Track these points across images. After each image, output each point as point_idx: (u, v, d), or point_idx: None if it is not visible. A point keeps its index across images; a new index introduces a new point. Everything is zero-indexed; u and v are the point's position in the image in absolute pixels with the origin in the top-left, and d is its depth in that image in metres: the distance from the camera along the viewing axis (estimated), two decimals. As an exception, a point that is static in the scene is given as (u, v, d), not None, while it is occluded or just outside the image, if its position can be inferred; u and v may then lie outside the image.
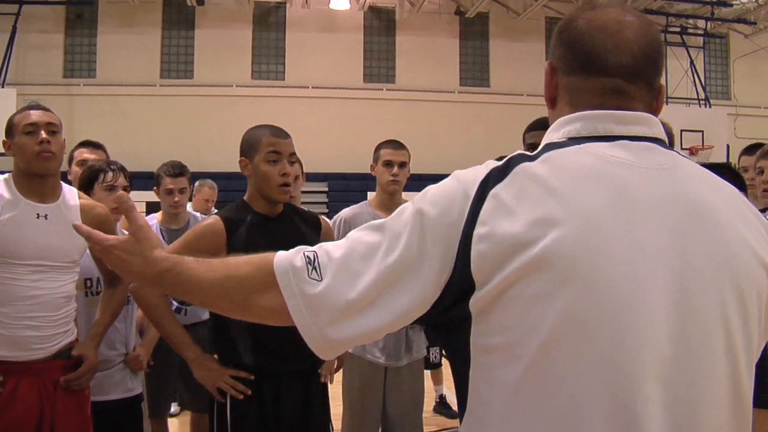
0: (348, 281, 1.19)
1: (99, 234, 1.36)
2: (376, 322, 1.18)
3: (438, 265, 1.15)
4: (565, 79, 1.31)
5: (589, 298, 1.09)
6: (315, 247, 1.26)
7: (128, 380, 3.40)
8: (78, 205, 2.96)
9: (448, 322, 1.19)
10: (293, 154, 2.83)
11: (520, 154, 1.22)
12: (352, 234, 1.26)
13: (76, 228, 1.42)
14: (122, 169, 3.44)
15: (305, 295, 1.20)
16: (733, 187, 1.27)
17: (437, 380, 6.40)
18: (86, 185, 3.35)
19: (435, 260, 1.15)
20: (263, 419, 2.66)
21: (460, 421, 1.25)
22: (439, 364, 6.28)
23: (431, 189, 1.22)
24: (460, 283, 1.14)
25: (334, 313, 1.19)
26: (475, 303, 1.13)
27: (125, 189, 3.42)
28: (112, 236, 1.36)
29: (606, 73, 1.25)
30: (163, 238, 4.35)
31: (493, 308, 1.12)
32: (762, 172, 3.42)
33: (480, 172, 1.19)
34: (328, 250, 1.24)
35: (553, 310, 1.08)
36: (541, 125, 3.19)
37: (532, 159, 1.19)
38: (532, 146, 3.39)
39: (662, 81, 1.33)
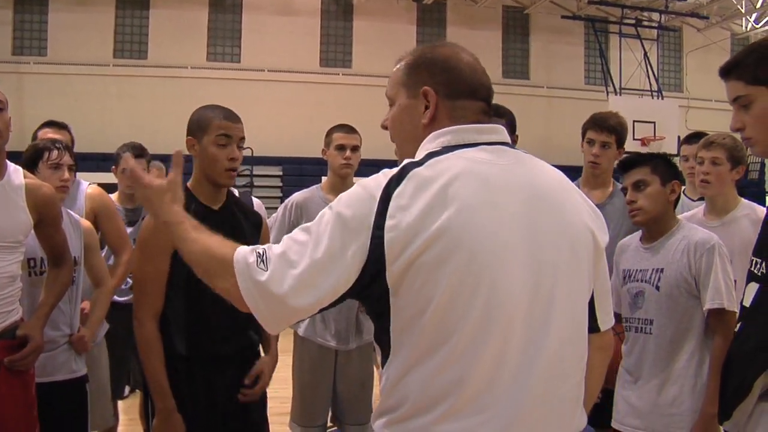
0: (287, 271, 1.53)
1: (143, 174, 1.86)
2: (310, 299, 1.53)
3: (355, 252, 1.51)
4: (450, 103, 1.71)
5: (473, 259, 1.49)
6: (265, 246, 1.62)
7: (73, 361, 3.37)
8: (23, 184, 2.92)
9: (372, 292, 1.55)
10: (243, 138, 2.80)
11: (410, 162, 1.59)
12: (288, 235, 1.61)
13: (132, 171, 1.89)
14: (67, 147, 3.40)
15: (255, 281, 1.55)
16: (563, 175, 1.74)
17: None
18: (30, 163, 3.30)
19: (352, 249, 1.51)
20: (195, 403, 2.65)
21: (383, 366, 1.60)
22: None
23: (343, 196, 1.58)
24: (377, 263, 1.50)
25: (278, 294, 1.53)
26: (391, 275, 1.51)
27: (71, 168, 3.38)
28: (154, 179, 1.86)
29: (479, 98, 1.73)
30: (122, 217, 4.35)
31: (405, 277, 1.50)
32: (702, 162, 3.42)
33: (382, 179, 1.56)
34: (273, 247, 1.59)
35: (447, 272, 1.48)
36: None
37: (419, 165, 1.57)
38: None
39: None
